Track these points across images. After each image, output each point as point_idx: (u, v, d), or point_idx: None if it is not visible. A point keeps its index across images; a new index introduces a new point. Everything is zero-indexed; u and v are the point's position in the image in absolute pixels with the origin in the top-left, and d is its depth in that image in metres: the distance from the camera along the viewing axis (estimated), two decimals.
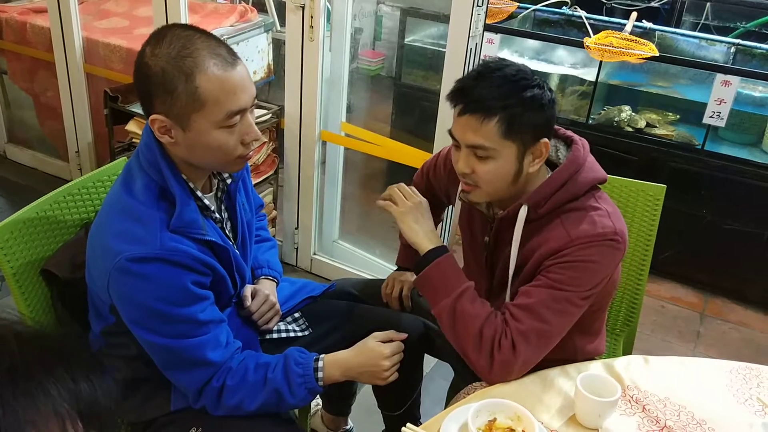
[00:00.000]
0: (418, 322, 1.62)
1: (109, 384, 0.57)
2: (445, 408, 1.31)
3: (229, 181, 1.33)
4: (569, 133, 1.37)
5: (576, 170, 1.28)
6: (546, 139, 1.26)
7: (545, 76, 3.12)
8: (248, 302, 1.44)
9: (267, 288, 1.50)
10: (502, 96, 1.21)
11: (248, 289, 1.45)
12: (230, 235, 1.35)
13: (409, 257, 1.76)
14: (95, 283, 1.23)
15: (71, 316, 1.38)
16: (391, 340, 1.36)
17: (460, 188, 1.40)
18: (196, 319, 1.20)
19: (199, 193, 1.24)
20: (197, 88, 1.12)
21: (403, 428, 1.12)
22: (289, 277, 1.67)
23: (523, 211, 1.29)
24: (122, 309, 1.20)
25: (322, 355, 1.32)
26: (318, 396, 1.79)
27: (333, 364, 1.31)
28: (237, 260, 1.31)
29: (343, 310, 1.62)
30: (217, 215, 1.30)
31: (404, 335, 1.37)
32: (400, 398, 1.66)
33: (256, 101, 1.21)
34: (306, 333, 1.56)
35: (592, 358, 1.43)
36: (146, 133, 1.21)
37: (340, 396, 1.84)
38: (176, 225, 1.17)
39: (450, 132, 1.29)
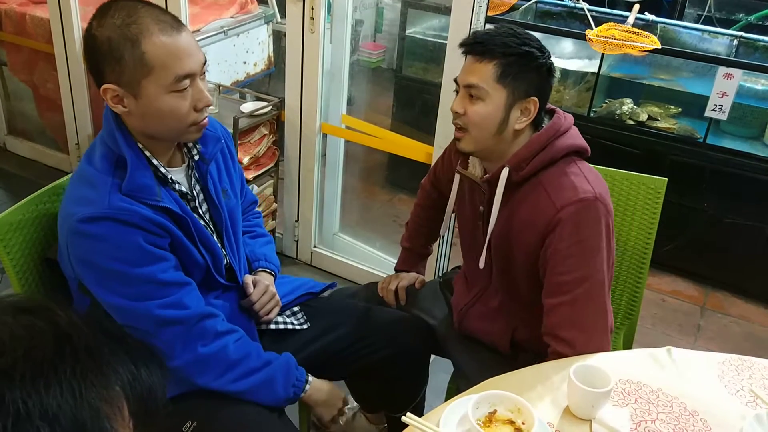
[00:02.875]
0: (420, 325, 1.62)
1: (163, 376, 0.60)
2: (446, 400, 1.31)
3: (197, 157, 1.33)
4: (553, 107, 1.43)
5: (555, 135, 1.35)
6: (536, 99, 1.33)
7: None
8: (250, 289, 1.44)
9: (265, 279, 1.50)
10: (504, 44, 1.31)
11: (249, 278, 1.46)
12: (206, 215, 1.36)
13: (407, 261, 1.77)
14: (62, 258, 1.24)
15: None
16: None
17: (458, 163, 1.49)
18: (155, 279, 1.20)
19: (155, 161, 1.25)
20: (144, 53, 1.14)
21: (403, 417, 1.12)
22: (289, 275, 1.67)
23: (504, 173, 1.35)
24: (83, 273, 1.21)
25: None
26: (354, 400, 1.77)
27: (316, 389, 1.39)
28: (201, 233, 1.30)
29: (344, 308, 1.62)
30: (185, 190, 1.30)
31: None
32: (405, 401, 1.65)
33: (206, 69, 1.23)
34: (305, 327, 1.56)
35: None
36: (106, 107, 1.23)
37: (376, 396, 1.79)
38: (127, 188, 1.19)
39: (455, 80, 1.38)
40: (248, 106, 2.53)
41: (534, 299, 1.42)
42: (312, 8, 2.31)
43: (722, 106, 2.59)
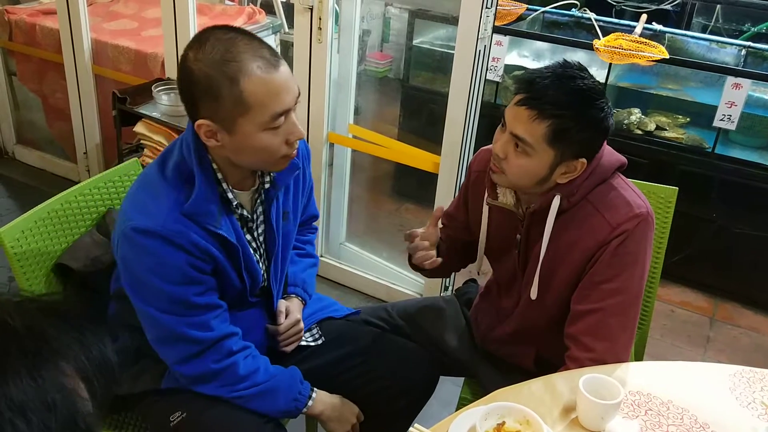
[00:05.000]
0: (428, 360, 1.55)
1: (111, 342, 0.60)
2: (456, 411, 1.30)
3: (267, 186, 1.31)
4: None
5: (600, 156, 1.32)
6: (584, 160, 1.27)
7: None
8: (282, 318, 1.43)
9: (296, 309, 1.49)
10: (562, 105, 1.21)
11: (283, 305, 1.45)
12: (260, 237, 1.34)
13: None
14: (113, 242, 1.25)
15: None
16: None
17: (486, 195, 1.42)
18: (188, 300, 1.21)
19: (224, 185, 1.24)
20: (242, 92, 1.12)
21: (411, 429, 1.11)
22: (318, 293, 1.64)
23: (555, 201, 1.30)
24: (122, 272, 1.23)
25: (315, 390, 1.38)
26: None
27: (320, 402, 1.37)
28: (249, 261, 1.30)
29: (356, 327, 1.58)
30: (247, 214, 1.29)
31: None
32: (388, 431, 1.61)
33: (299, 99, 1.21)
34: (319, 342, 1.54)
35: None
36: (189, 126, 1.21)
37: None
38: (189, 210, 1.18)
39: (503, 112, 1.29)
40: None
41: (557, 326, 1.40)
42: (320, 18, 2.32)
43: (731, 116, 2.58)
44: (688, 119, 2.93)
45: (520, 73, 1.30)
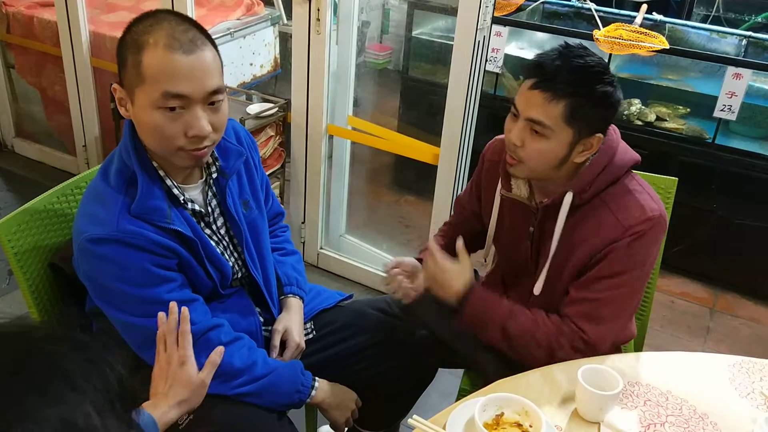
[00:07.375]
0: (431, 346, 1.55)
1: (121, 358, 0.59)
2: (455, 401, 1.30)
3: (215, 175, 1.30)
4: None
5: (613, 153, 1.32)
6: (600, 135, 1.28)
7: None
8: (276, 341, 1.42)
9: (295, 316, 1.47)
10: (576, 82, 1.24)
11: (277, 337, 1.42)
12: (221, 230, 1.33)
13: None
14: (77, 266, 1.24)
15: (78, 310, 1.38)
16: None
17: (499, 185, 1.42)
18: (161, 299, 1.20)
19: (168, 181, 1.23)
20: (140, 62, 1.13)
21: (410, 420, 1.11)
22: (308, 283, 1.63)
23: (568, 197, 1.31)
24: (90, 288, 1.22)
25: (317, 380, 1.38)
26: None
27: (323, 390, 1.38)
28: (211, 254, 1.28)
29: (355, 316, 1.58)
30: (199, 209, 1.28)
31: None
32: (386, 418, 1.62)
33: (220, 98, 1.16)
34: (310, 336, 1.54)
35: (624, 342, 1.49)
36: (126, 120, 1.22)
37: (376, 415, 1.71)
38: (136, 211, 1.18)
39: (513, 102, 1.30)
40: (254, 108, 2.54)
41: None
42: (318, 10, 2.31)
43: (731, 106, 2.57)
44: (688, 110, 2.92)
45: (529, 60, 1.30)
